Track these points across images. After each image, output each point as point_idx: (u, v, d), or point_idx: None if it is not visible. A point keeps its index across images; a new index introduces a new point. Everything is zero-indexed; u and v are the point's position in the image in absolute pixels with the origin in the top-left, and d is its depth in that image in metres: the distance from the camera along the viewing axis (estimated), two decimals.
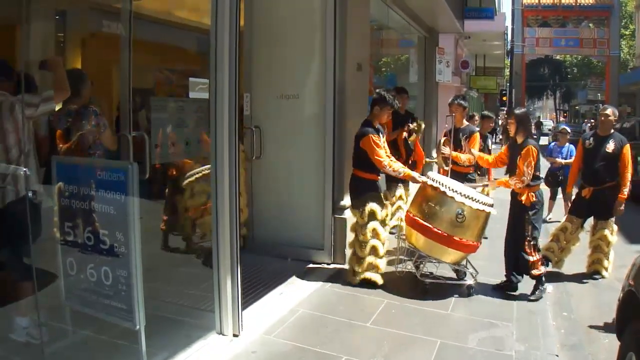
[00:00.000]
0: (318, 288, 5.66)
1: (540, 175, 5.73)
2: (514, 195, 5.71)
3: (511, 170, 5.73)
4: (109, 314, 3.47)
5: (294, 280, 5.76)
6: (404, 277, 5.94)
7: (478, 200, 5.35)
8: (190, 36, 6.98)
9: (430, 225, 5.37)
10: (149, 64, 6.18)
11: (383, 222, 5.67)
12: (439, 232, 5.33)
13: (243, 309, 4.43)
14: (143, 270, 3.35)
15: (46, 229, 3.80)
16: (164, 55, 6.82)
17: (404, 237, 5.82)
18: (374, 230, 5.59)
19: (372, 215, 5.60)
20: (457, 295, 5.53)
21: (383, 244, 5.63)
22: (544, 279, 5.61)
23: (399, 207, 7.28)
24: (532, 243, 5.55)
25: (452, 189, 5.33)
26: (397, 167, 5.61)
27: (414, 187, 6.49)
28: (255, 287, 5.44)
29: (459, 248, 5.41)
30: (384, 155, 5.59)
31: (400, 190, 7.45)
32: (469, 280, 5.72)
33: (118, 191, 3.31)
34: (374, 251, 5.60)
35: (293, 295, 5.38)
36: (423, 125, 7.21)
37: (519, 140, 5.66)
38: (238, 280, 4.24)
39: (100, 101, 4.61)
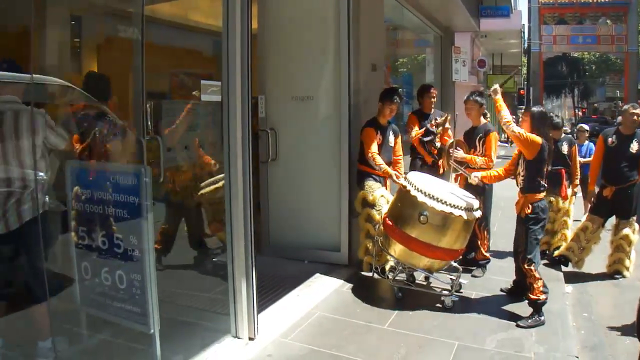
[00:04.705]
0: (335, 290, 5.62)
1: (543, 184, 4.98)
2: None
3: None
4: (124, 317, 3.47)
5: (310, 283, 5.72)
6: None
7: (446, 202, 4.89)
8: (206, 39, 6.97)
9: (392, 224, 5.18)
10: (165, 67, 6.16)
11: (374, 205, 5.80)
12: (401, 232, 5.08)
13: (259, 312, 4.41)
14: (157, 273, 3.35)
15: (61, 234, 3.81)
16: (179, 59, 6.81)
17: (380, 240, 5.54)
18: (368, 215, 5.82)
19: (365, 202, 5.83)
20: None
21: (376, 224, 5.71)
22: (542, 308, 4.87)
23: None
24: (528, 259, 4.87)
25: (417, 188, 4.99)
26: (379, 161, 5.76)
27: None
28: (271, 290, 5.41)
29: (426, 253, 5.06)
30: (374, 147, 5.80)
31: None
32: (447, 294, 5.25)
33: (131, 195, 3.32)
34: (367, 234, 5.87)
35: (310, 298, 5.34)
36: (449, 117, 6.86)
37: None
38: (253, 283, 4.22)
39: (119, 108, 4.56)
